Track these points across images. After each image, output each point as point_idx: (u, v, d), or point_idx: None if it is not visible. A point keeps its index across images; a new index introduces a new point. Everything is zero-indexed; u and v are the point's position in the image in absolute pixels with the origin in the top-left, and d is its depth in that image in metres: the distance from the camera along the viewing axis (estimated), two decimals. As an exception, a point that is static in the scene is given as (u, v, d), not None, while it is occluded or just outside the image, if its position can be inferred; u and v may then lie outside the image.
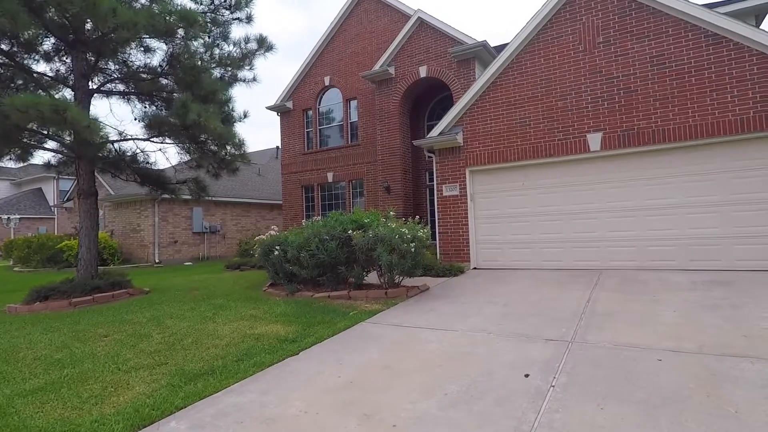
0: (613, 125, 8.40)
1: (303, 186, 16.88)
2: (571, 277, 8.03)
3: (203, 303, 7.87)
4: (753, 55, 7.36)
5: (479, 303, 6.56)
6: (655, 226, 8.18)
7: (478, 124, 9.84)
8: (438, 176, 10.32)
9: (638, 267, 8.26)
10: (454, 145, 10.03)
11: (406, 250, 6.90)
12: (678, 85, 7.88)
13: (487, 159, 9.69)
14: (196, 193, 10.78)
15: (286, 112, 17.26)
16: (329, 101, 16.52)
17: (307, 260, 7.56)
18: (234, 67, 10.25)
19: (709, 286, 6.56)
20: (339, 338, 5.22)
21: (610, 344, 4.39)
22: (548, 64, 9.08)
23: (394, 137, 14.02)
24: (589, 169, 8.76)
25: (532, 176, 9.35)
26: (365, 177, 15.28)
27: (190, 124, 8.05)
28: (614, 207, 8.54)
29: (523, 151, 9.27)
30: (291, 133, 17.19)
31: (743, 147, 7.54)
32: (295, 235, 8.06)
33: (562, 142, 8.87)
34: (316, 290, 7.89)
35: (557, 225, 9.08)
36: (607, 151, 8.46)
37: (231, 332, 5.70)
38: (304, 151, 16.84)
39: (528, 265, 9.34)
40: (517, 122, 9.37)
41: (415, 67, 13.48)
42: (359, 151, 15.44)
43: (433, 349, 4.63)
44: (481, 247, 9.92)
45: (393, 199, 13.95)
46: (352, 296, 7.32)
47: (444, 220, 10.16)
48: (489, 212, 9.84)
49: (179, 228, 18.89)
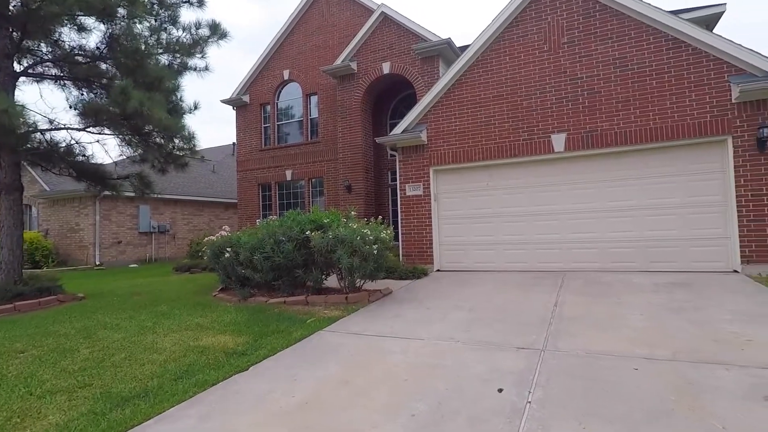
0: (577, 126, 8.36)
1: (260, 184, 16.12)
2: (536, 279, 7.91)
3: (144, 310, 7.14)
4: (710, 61, 7.49)
5: (445, 308, 6.25)
6: (617, 228, 8.20)
7: (442, 122, 9.59)
8: (401, 175, 9.99)
9: (600, 269, 8.26)
10: (417, 143, 9.73)
11: (368, 252, 6.50)
12: (639, 88, 7.93)
13: (452, 158, 9.45)
14: (140, 190, 9.91)
15: (243, 106, 16.44)
16: (288, 96, 15.86)
17: (262, 263, 7.00)
18: (184, 54, 9.48)
19: (670, 288, 6.58)
20: (294, 350, 4.74)
21: (583, 352, 4.17)
22: (514, 62, 8.96)
23: (356, 134, 13.59)
24: (554, 170, 8.70)
25: (497, 176, 9.19)
26: (326, 175, 14.76)
27: (131, 113, 7.29)
28: (577, 209, 8.51)
29: (488, 151, 9.10)
30: (247, 129, 16.38)
31: (700, 151, 7.67)
32: (249, 236, 7.47)
33: (527, 142, 8.76)
34: (271, 295, 7.34)
35: (521, 226, 8.97)
36: (571, 152, 8.41)
37: (172, 345, 5.09)
38: (262, 148, 16.09)
39: (492, 266, 9.18)
40: (482, 121, 9.19)
41: (378, 63, 13.11)
42: (320, 149, 14.89)
43: (397, 360, 4.24)
44: (444, 249, 9.67)
45: (354, 198, 13.51)
46: (310, 301, 6.84)
47: (407, 220, 9.84)
48: (453, 213, 9.61)
49: (124, 227, 17.60)
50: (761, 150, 7.14)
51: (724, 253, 7.48)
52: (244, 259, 7.20)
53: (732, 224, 7.34)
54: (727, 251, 7.45)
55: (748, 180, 7.21)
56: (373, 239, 6.60)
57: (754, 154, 7.19)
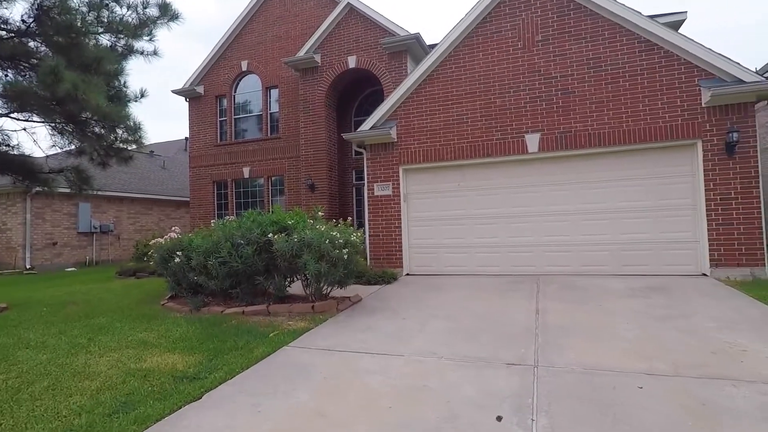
0: (551, 126, 8.17)
1: (215, 181, 15.10)
2: (511, 284, 7.63)
3: (79, 324, 6.23)
4: (681, 64, 7.49)
5: (421, 317, 5.80)
6: (591, 231, 8.07)
7: (413, 119, 9.16)
8: (369, 174, 9.48)
9: (574, 272, 8.11)
10: (387, 140, 9.24)
11: (337, 257, 5.93)
12: (613, 89, 7.84)
13: (423, 157, 9.04)
14: (77, 186, 8.82)
15: (196, 98, 15.34)
16: (247, 88, 14.94)
17: (217, 269, 6.27)
18: (129, 35, 8.50)
19: (647, 293, 6.45)
20: (256, 371, 4.12)
21: (579, 368, 3.83)
22: (487, 59, 8.66)
23: (319, 131, 12.93)
24: (527, 170, 8.47)
25: (470, 177, 8.87)
26: (286, 173, 13.99)
27: (63, 97, 6.34)
28: (551, 211, 8.32)
29: (461, 150, 8.76)
30: (202, 122, 15.31)
31: (672, 154, 7.67)
32: (203, 239, 6.71)
33: (500, 141, 8.49)
34: (228, 304, 6.62)
35: (494, 228, 8.69)
36: (545, 152, 8.22)
37: (109, 368, 4.32)
38: (217, 143, 15.08)
39: (464, 270, 8.84)
40: (455, 119, 8.84)
41: (344, 57, 12.53)
42: (280, 145, 14.11)
43: (377, 383, 3.73)
44: (414, 252, 9.24)
45: (318, 198, 12.85)
46: (273, 311, 6.18)
47: (375, 222, 9.33)
48: (423, 214, 9.20)
49: (60, 227, 15.99)
50: (730, 154, 7.19)
51: (693, 256, 7.50)
52: (197, 265, 6.44)
53: (701, 228, 7.36)
54: (696, 255, 7.47)
55: (717, 184, 7.25)
56: (343, 243, 6.05)
57: (722, 158, 7.23)
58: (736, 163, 7.17)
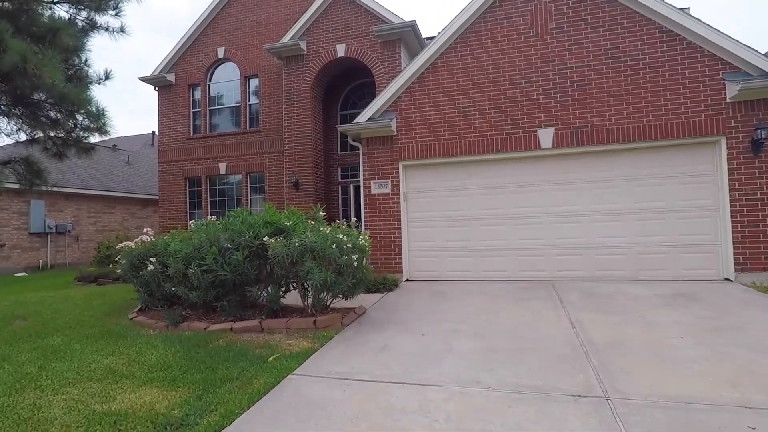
0: (566, 121, 7.59)
1: (187, 178, 13.89)
2: (524, 291, 6.99)
3: (27, 345, 5.16)
4: (705, 56, 7.05)
5: (441, 333, 5.04)
6: (606, 233, 7.54)
7: (415, 110, 8.41)
8: (366, 171, 8.65)
9: (588, 277, 7.55)
10: (386, 133, 8.45)
11: (346, 265, 5.10)
12: (633, 82, 7.33)
13: (425, 152, 8.30)
14: (28, 180, 7.63)
15: (167, 86, 14.08)
16: (223, 77, 13.82)
17: (200, 278, 5.32)
18: (91, 7, 7.40)
19: (681, 302, 5.92)
20: (262, 412, 3.26)
21: (662, 400, 3.16)
22: (496, 47, 8.01)
23: (304, 124, 11.99)
24: (539, 168, 7.87)
25: (476, 174, 8.19)
26: (267, 170, 12.97)
27: (8, 71, 5.23)
28: (563, 211, 7.75)
29: (467, 145, 8.07)
30: (172, 113, 14.06)
31: (693, 151, 7.22)
32: (181, 243, 5.73)
33: (510, 136, 7.85)
34: (212, 319, 5.67)
35: (502, 230, 8.04)
36: (559, 149, 7.63)
37: (66, 411, 3.35)
38: (190, 136, 13.88)
39: (468, 275, 8.16)
40: (461, 111, 8.14)
41: (332, 45, 11.65)
42: (260, 139, 13.07)
43: (421, 428, 2.94)
44: (414, 255, 8.49)
45: (302, 196, 11.92)
46: (267, 327, 5.29)
47: (372, 222, 8.52)
48: (424, 215, 8.46)
49: (9, 227, 14.37)
50: (756, 152, 6.79)
51: (715, 260, 7.07)
52: (176, 273, 5.47)
53: (724, 230, 6.94)
54: (718, 258, 7.04)
55: (743, 184, 6.83)
56: (352, 247, 5.22)
57: (748, 156, 6.82)
58: (762, 162, 6.77)
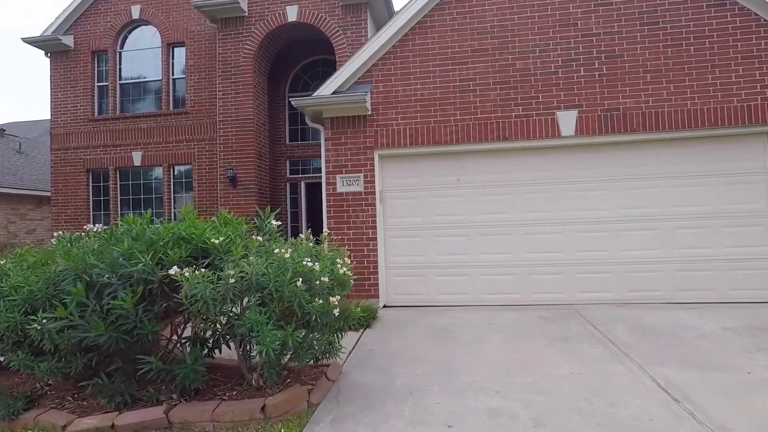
0: (592, 102, 5.95)
1: (90, 170, 10.91)
2: (549, 323, 5.23)
3: None
4: (761, 26, 5.68)
5: (474, 416, 3.08)
6: (638, 245, 5.99)
7: (396, 83, 6.40)
8: (329, 162, 6.51)
9: (618, 300, 5.96)
10: (357, 112, 6.37)
11: (320, 314, 2.98)
12: (674, 54, 5.82)
13: (409, 139, 6.33)
14: None
15: (63, 52, 10.98)
16: (139, 44, 10.98)
17: (54, 337, 2.96)
18: None
19: (764, 337, 4.41)
20: None
21: None
22: (504, 5, 6.20)
23: (245, 104, 9.58)
24: (556, 161, 6.17)
25: (474, 168, 6.35)
26: (196, 161, 10.37)
27: None
28: (587, 218, 6.11)
29: (464, 131, 6.20)
30: (70, 87, 10.99)
31: (744, 144, 5.85)
32: (27, 272, 3.30)
33: (521, 120, 6.07)
34: (82, 406, 3.31)
35: (507, 241, 6.26)
36: (583, 137, 5.98)
37: None
38: (94, 117, 10.90)
39: (464, 300, 6.30)
40: (457, 86, 6.25)
41: (281, 6, 9.34)
42: (187, 123, 10.44)
43: None
44: (393, 274, 6.49)
45: (243, 195, 9.51)
46: (179, 420, 3.05)
47: (339, 230, 6.40)
48: (408, 220, 6.49)
49: None
50: (822, 146, 5.51)
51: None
52: (7, 330, 3.05)
53: (783, 242, 5.61)
54: (775, 277, 5.71)
55: (807, 185, 5.53)
56: (329, 282, 3.11)
57: (813, 151, 5.53)
58: (831, 158, 5.50)
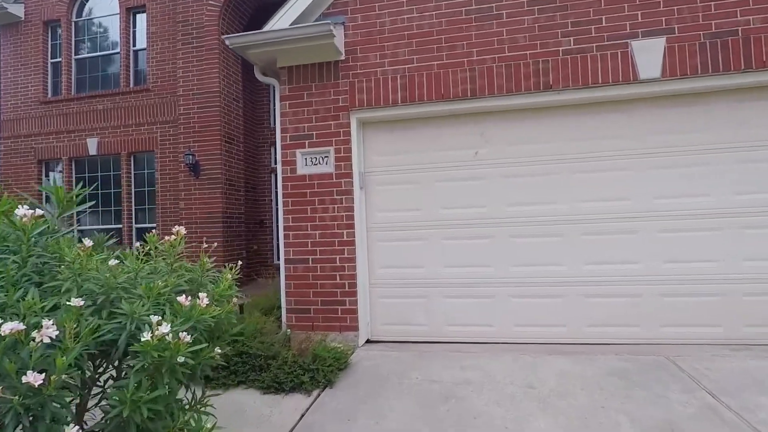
0: (689, 20, 3.75)
1: (42, 161, 9.28)
2: (633, 387, 3.08)
3: None
4: None
5: None
6: (758, 251, 3.75)
7: (382, 11, 4.35)
8: (286, 131, 4.51)
9: (730, 340, 3.75)
10: (326, 56, 4.35)
11: None
12: (829, -61, 3.57)
13: (401, 93, 4.26)
14: None
15: (12, 24, 9.43)
16: (96, 11, 9.28)
17: None
18: None
19: None
20: None
21: None
22: None
23: (209, 76, 7.72)
24: (630, 121, 4.00)
25: (500, 137, 4.24)
26: (159, 147, 8.57)
27: None
28: (680, 208, 3.92)
29: (484, 77, 4.09)
30: (21, 65, 9.42)
31: None
32: None
33: (573, 57, 3.93)
34: None
35: (553, 246, 4.12)
36: (676, 80, 3.78)
37: None
38: (46, 98, 9.27)
39: (485, 334, 4.19)
40: (472, 9, 4.15)
41: (252, -51, 7.45)
42: (149, 102, 8.65)
43: None
44: (380, 294, 4.44)
45: (206, 187, 7.65)
46: None
47: (297, 230, 4.40)
48: (400, 215, 4.43)
49: None
50: None
51: None
52: None
53: None
54: None
55: None
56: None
57: None
58: None
